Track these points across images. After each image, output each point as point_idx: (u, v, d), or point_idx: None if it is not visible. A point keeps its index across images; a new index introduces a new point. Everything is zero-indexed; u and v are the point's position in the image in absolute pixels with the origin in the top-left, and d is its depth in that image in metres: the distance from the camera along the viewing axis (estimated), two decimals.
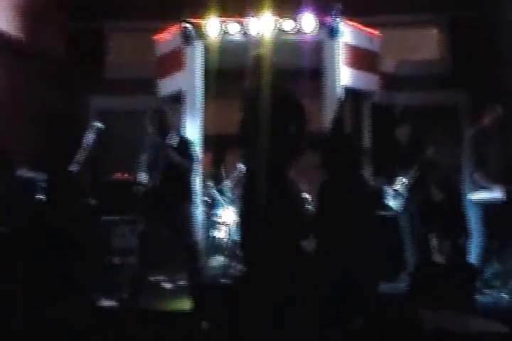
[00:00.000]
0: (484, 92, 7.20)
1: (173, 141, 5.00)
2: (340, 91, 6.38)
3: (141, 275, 5.03)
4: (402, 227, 5.72)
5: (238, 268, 5.87)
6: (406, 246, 5.65)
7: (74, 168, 4.98)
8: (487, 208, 5.10)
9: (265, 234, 4.13)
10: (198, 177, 6.16)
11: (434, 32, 8.18)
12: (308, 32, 6.33)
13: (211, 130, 6.68)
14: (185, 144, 5.12)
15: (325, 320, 3.86)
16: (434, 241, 5.92)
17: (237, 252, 5.93)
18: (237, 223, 4.67)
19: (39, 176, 5.62)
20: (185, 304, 4.42)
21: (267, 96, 4.41)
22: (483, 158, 5.20)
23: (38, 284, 3.85)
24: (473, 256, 5.11)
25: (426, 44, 8.14)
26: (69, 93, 7.62)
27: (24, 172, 5.54)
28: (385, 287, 4.87)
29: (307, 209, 6.21)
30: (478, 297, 4.68)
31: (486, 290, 5.01)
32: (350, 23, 6.59)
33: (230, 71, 6.22)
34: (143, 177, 5.11)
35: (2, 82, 6.51)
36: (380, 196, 5.78)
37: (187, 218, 5.10)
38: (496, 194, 4.99)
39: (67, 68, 7.62)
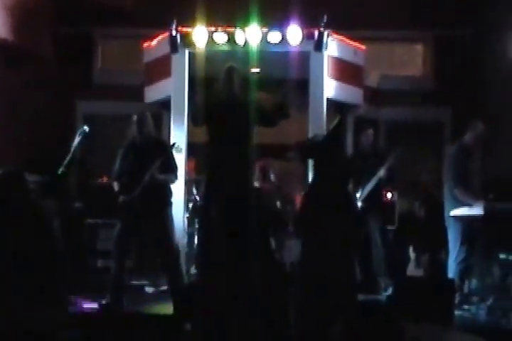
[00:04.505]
0: (467, 109, 7.33)
1: (155, 150, 4.99)
2: (325, 103, 6.44)
3: (120, 279, 5.02)
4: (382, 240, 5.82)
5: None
6: (386, 259, 5.72)
7: (60, 170, 4.96)
8: (467, 224, 5.15)
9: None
10: (182, 183, 6.18)
11: (419, 48, 8.33)
12: (295, 44, 6.37)
13: (196, 137, 6.72)
14: (167, 157, 5.11)
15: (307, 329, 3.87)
16: (413, 255, 5.98)
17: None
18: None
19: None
20: (167, 308, 4.47)
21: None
22: (464, 174, 5.26)
23: (18, 286, 3.81)
24: (452, 272, 5.16)
25: (411, 59, 8.29)
26: (57, 97, 7.63)
27: None
28: (365, 299, 4.93)
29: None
30: (457, 311, 4.73)
31: (465, 306, 5.07)
32: (336, 35, 6.66)
33: (215, 80, 6.28)
34: (121, 184, 5.11)
35: None
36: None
37: (167, 225, 5.10)
38: (475, 210, 5.04)
39: (56, 72, 7.63)
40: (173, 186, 5.68)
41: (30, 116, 7.19)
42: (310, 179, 5.36)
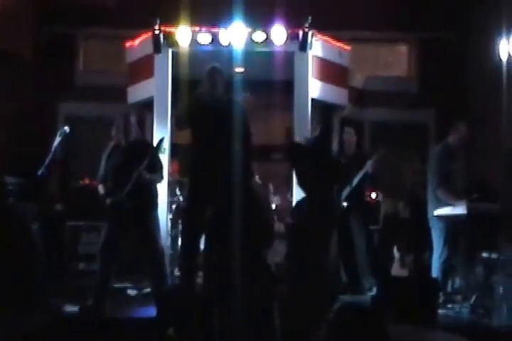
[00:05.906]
0: (450, 111, 7.36)
1: (140, 152, 4.95)
2: (309, 104, 6.43)
3: (106, 282, 4.96)
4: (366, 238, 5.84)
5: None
6: (371, 259, 5.72)
7: (40, 171, 4.89)
8: (450, 224, 5.16)
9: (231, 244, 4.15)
10: (165, 185, 6.13)
11: (403, 49, 8.36)
12: (279, 44, 6.36)
13: (179, 138, 6.68)
14: (153, 156, 5.04)
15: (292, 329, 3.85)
16: (398, 255, 5.99)
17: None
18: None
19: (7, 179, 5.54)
20: (150, 311, 4.39)
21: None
22: (447, 175, 5.27)
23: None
24: (435, 271, 5.16)
25: (395, 61, 8.33)
26: (38, 98, 7.54)
27: None
28: (350, 299, 4.92)
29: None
30: (441, 310, 4.72)
31: (449, 305, 5.06)
32: (321, 36, 6.65)
33: (199, 80, 6.25)
34: (107, 187, 5.04)
35: None
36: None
37: (154, 226, 5.05)
38: (458, 210, 5.05)
39: (38, 73, 7.54)
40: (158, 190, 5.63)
41: (11, 117, 7.11)
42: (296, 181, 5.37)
